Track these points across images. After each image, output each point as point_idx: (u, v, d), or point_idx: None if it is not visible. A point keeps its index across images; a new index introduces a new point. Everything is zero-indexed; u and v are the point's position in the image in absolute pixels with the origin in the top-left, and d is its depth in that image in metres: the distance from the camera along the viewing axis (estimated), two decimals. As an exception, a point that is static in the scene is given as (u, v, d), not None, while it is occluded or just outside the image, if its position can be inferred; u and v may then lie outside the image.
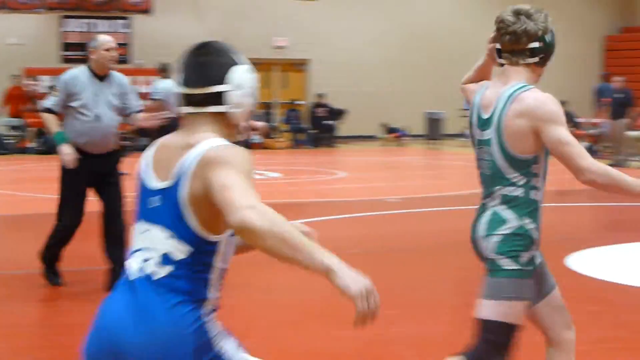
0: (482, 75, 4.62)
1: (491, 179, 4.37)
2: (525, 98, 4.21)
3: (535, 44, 4.30)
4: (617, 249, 10.83)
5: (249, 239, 2.84)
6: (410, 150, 29.33)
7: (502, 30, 4.33)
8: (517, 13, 4.30)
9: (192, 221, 3.06)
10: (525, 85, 4.27)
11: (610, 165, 19.59)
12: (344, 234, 12.32)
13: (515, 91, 4.24)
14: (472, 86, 4.59)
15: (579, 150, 4.15)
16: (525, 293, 4.30)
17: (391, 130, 31.45)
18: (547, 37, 4.33)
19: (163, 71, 16.16)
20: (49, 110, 8.31)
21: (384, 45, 33.04)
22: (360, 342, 6.90)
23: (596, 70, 34.32)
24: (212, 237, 3.09)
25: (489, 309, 4.33)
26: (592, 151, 25.54)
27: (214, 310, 3.14)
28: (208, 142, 3.10)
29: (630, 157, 22.99)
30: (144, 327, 3.02)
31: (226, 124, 3.22)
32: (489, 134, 4.29)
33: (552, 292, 4.55)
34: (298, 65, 32.64)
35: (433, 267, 10.01)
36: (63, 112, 8.29)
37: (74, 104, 8.21)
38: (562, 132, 4.16)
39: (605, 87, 28.45)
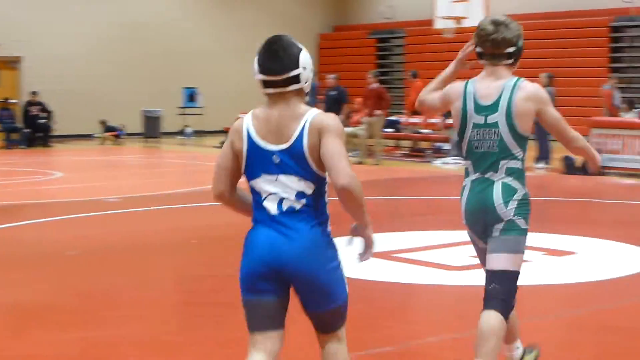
0: (448, 83, 5.52)
1: (497, 155, 5.24)
2: (527, 86, 5.25)
3: (511, 49, 5.29)
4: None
5: (343, 196, 4.23)
6: (128, 149, 29.02)
7: (484, 37, 5.30)
8: (496, 24, 5.28)
9: (312, 165, 4.33)
10: (520, 78, 5.31)
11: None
12: (62, 235, 12.03)
13: (516, 82, 5.26)
14: (436, 93, 5.53)
15: (566, 124, 5.30)
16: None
17: (109, 129, 31.00)
18: (519, 43, 5.33)
19: None
20: None
21: (100, 41, 32.55)
22: (84, 344, 6.76)
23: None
24: (323, 174, 4.35)
25: (508, 261, 5.29)
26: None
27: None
28: (311, 111, 4.37)
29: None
30: (297, 243, 4.32)
31: (300, 96, 4.41)
32: (496, 117, 5.23)
33: None
34: (10, 63, 31.61)
35: (154, 266, 9.95)
36: None
37: None
38: (557, 112, 5.29)
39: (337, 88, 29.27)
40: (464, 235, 11.25)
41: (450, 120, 24.38)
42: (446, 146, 23.75)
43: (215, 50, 35.08)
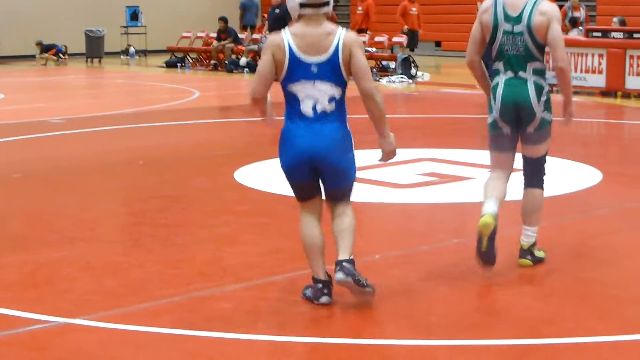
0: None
1: (524, 58, 6.41)
2: (544, 4, 6.37)
3: None
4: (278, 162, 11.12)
5: (366, 99, 5.57)
6: (71, 70, 28.63)
7: None
8: None
9: (344, 74, 5.56)
10: None
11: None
12: (5, 157, 11.91)
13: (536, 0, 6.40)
14: (476, 31, 6.58)
15: (562, 45, 6.38)
16: None
17: (46, 48, 30.38)
18: None
19: None
20: None
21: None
22: (31, 266, 6.72)
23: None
24: (348, 80, 5.61)
25: (542, 149, 6.63)
26: (250, 66, 25.97)
27: None
28: (339, 29, 5.59)
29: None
30: (327, 139, 5.60)
31: (327, 17, 5.61)
32: (520, 27, 6.36)
33: None
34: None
35: (100, 187, 9.89)
36: None
37: None
38: (560, 31, 6.37)
39: (250, 2, 29.08)
40: (412, 153, 11.35)
41: (396, 39, 24.38)
42: (392, 65, 23.72)
43: (157, -31, 34.61)
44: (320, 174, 5.71)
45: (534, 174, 6.69)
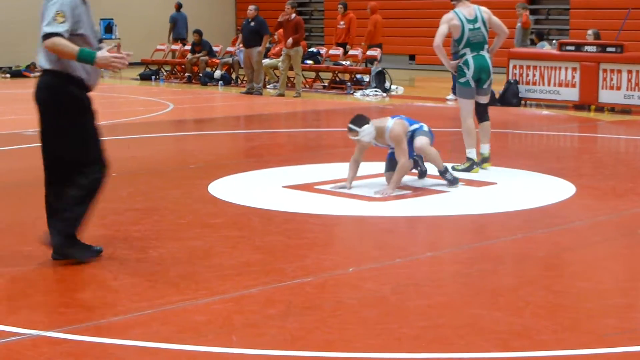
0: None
1: (482, 43, 10.80)
2: (483, 8, 10.99)
3: None
4: (254, 175, 11.13)
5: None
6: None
7: None
8: None
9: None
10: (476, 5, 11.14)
11: (246, 92, 20.36)
12: (-22, 169, 11.84)
13: (479, 7, 10.93)
14: (442, 32, 10.74)
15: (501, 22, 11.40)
16: None
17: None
18: None
19: None
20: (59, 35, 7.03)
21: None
22: (4, 279, 6.68)
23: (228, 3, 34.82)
24: None
25: (489, 98, 11.35)
26: (224, 78, 25.98)
27: None
28: (390, 120, 9.97)
29: (267, 84, 23.61)
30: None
31: None
32: (478, 25, 10.78)
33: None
34: None
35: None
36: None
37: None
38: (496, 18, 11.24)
39: (179, 15, 29.21)
40: (384, 167, 11.33)
41: (371, 52, 24.44)
42: (366, 78, 23.76)
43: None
44: None
45: (486, 112, 11.21)
